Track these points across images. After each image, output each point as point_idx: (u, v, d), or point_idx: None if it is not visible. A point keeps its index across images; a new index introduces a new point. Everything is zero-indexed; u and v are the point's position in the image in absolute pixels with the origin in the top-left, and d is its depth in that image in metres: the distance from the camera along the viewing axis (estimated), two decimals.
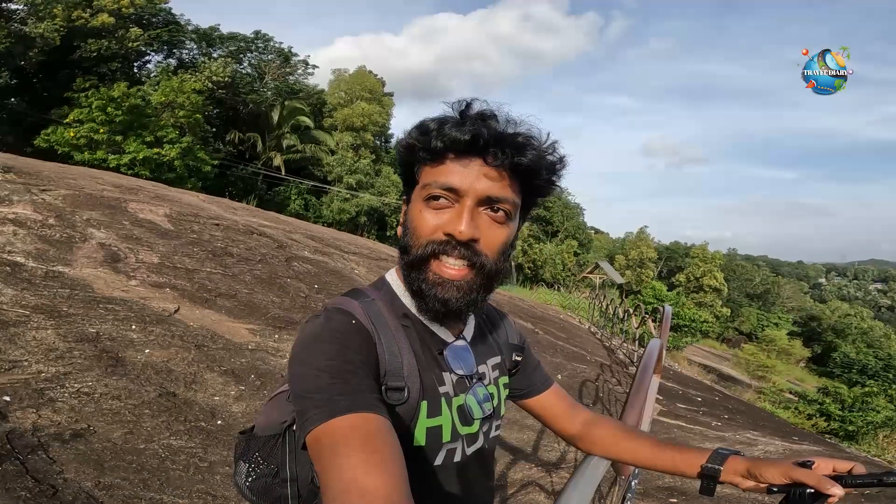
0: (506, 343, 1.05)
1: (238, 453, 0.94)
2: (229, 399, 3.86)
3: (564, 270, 42.40)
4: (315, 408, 0.69)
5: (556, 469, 4.08)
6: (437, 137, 0.82)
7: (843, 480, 0.82)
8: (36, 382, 3.34)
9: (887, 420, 15.33)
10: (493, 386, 0.96)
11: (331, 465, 0.63)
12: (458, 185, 0.82)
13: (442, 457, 0.85)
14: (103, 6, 26.78)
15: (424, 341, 0.88)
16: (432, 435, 0.83)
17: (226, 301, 5.75)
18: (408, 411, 0.80)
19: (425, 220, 0.84)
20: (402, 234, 0.88)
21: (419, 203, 0.85)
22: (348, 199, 33.27)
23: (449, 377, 0.88)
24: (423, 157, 0.85)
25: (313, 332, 0.79)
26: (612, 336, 13.87)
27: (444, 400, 0.86)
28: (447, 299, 0.83)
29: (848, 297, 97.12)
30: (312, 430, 0.67)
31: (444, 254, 0.83)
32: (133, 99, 22.72)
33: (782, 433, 7.33)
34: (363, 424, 0.66)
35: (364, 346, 0.78)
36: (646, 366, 2.49)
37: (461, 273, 0.83)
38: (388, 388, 0.78)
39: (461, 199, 0.82)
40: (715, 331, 43.63)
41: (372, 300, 0.87)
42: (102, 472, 2.72)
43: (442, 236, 0.82)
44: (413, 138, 0.85)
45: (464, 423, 0.88)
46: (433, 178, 0.83)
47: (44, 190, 7.41)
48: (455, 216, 0.82)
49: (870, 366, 31.26)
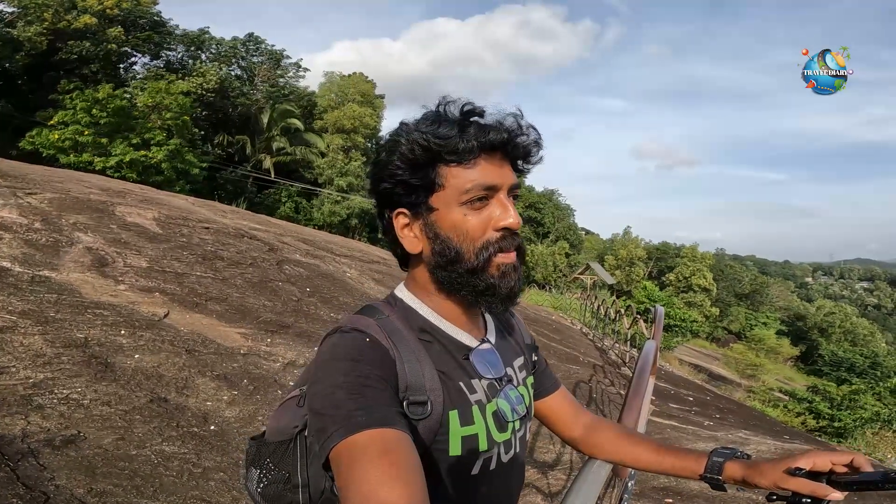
0: (524, 343, 1.04)
1: (249, 459, 0.93)
2: (222, 404, 3.82)
3: (556, 272, 42.51)
4: (334, 425, 0.69)
5: (552, 470, 4.08)
6: (471, 138, 0.81)
7: (844, 481, 0.81)
8: (24, 388, 3.28)
9: (875, 416, 15.52)
10: (523, 387, 0.96)
11: (350, 481, 0.63)
12: (496, 181, 0.84)
13: (479, 466, 0.84)
14: (88, 7, 26.52)
15: (448, 350, 0.86)
16: (468, 444, 0.82)
17: (217, 305, 5.69)
18: (433, 424, 0.79)
19: (473, 224, 0.84)
20: (438, 246, 0.85)
21: (459, 208, 0.83)
22: (339, 202, 33.15)
23: (479, 384, 0.87)
24: (450, 159, 0.82)
25: (328, 352, 0.79)
26: (605, 337, 13.93)
27: (478, 407, 0.85)
28: (513, 286, 0.86)
29: (834, 295, 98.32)
30: (334, 448, 0.67)
31: (501, 250, 0.84)
32: (118, 101, 22.47)
33: (773, 432, 7.39)
34: (381, 439, 0.66)
35: (380, 362, 0.78)
36: (642, 368, 2.50)
37: (513, 258, 0.86)
38: (411, 403, 0.78)
39: (496, 193, 0.84)
40: (705, 330, 44.00)
41: (387, 317, 0.86)
42: (94, 478, 2.67)
43: (495, 233, 0.84)
44: (432, 140, 0.81)
45: (499, 429, 0.87)
46: (472, 180, 0.82)
47: (29, 193, 7.30)
48: (500, 210, 0.84)
49: (857, 364, 31.66)
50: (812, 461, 0.82)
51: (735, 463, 0.90)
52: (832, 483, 0.81)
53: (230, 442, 3.38)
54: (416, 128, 0.84)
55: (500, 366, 0.91)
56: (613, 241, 55.65)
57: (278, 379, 4.40)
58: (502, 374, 0.91)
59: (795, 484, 0.81)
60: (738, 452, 0.92)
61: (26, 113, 24.62)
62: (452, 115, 0.84)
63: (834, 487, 0.80)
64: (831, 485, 0.80)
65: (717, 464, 0.91)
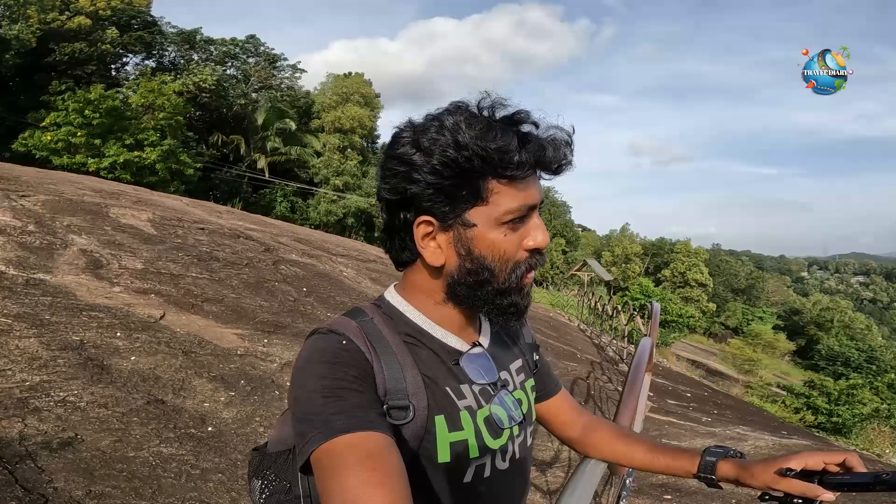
0: (524, 343, 1.02)
1: (251, 470, 0.91)
2: (219, 405, 3.81)
3: (553, 269, 42.57)
4: (313, 429, 0.67)
5: (550, 468, 4.08)
6: (531, 155, 0.76)
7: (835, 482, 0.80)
8: (20, 391, 3.26)
9: (874, 412, 15.55)
10: (521, 391, 0.93)
11: (331, 487, 0.62)
12: (537, 201, 0.80)
13: (471, 474, 0.82)
14: (80, 8, 26.37)
15: (437, 355, 0.84)
16: (457, 450, 0.80)
17: (213, 306, 5.68)
18: (418, 429, 0.77)
19: (510, 244, 0.79)
20: (470, 264, 0.80)
21: (500, 227, 0.78)
22: (335, 201, 33.09)
23: (469, 389, 0.84)
24: (503, 174, 0.76)
25: (306, 355, 0.77)
26: (602, 333, 13.96)
27: (468, 413, 0.82)
28: (529, 304, 0.85)
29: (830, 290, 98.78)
30: (313, 452, 0.66)
31: (530, 269, 0.82)
32: (111, 101, 22.33)
33: (771, 428, 7.42)
34: (362, 443, 0.65)
35: (357, 364, 0.75)
36: (637, 365, 2.49)
37: (532, 277, 0.84)
38: (391, 408, 0.75)
39: (534, 212, 0.80)
40: (702, 326, 44.12)
41: (370, 319, 0.83)
42: (93, 480, 2.66)
43: (524, 254, 0.81)
44: (490, 150, 0.74)
45: (493, 435, 0.84)
46: (521, 201, 0.77)
47: (23, 196, 7.27)
48: (535, 230, 0.80)
49: (853, 358, 31.79)
50: (804, 461, 0.82)
51: (728, 462, 0.90)
52: (824, 483, 0.81)
53: (228, 443, 3.37)
54: (463, 130, 0.74)
55: (494, 370, 0.88)
56: (610, 237, 55.76)
57: (275, 379, 4.39)
58: (496, 378, 0.88)
59: (787, 485, 0.81)
60: (731, 451, 0.92)
61: (17, 114, 24.46)
62: (503, 123, 0.77)
63: (826, 488, 0.80)
64: (823, 485, 0.80)
65: (711, 463, 0.91)
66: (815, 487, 0.80)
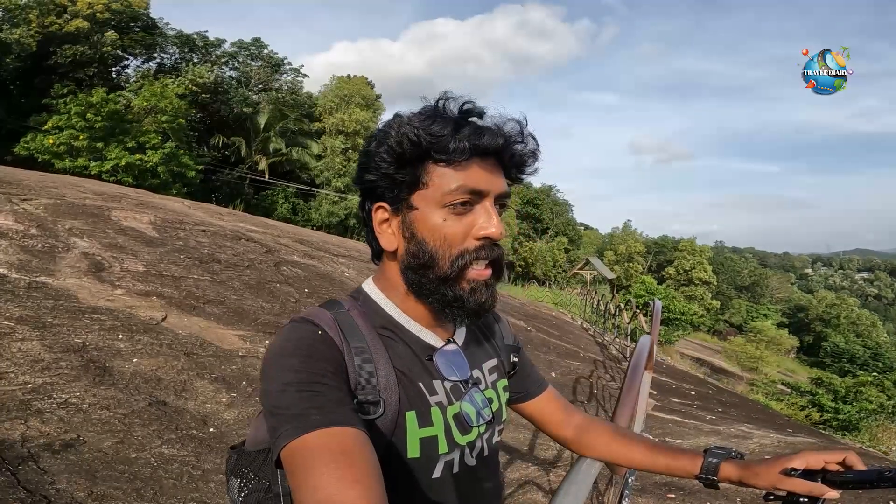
0: (501, 344, 1.01)
1: (229, 468, 0.91)
2: (221, 406, 3.81)
3: (555, 267, 42.52)
4: (286, 424, 0.66)
5: (553, 467, 4.07)
6: (465, 139, 0.77)
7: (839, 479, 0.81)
8: (23, 393, 3.27)
9: (880, 409, 15.47)
10: (492, 390, 0.92)
11: (305, 483, 0.61)
12: (484, 187, 0.80)
13: (440, 469, 0.82)
14: (78, 11, 26.43)
15: (411, 350, 0.83)
16: (427, 446, 0.80)
17: (214, 308, 5.68)
18: (388, 424, 0.77)
19: (452, 229, 0.79)
20: (413, 247, 0.81)
21: (439, 210, 0.79)
22: (337, 202, 33.11)
23: (441, 385, 0.84)
24: (439, 158, 0.78)
25: (278, 346, 0.75)
26: (605, 332, 13.93)
27: (438, 409, 0.82)
28: (483, 302, 0.82)
29: (834, 286, 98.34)
30: (285, 447, 0.65)
31: (478, 259, 0.80)
32: (113, 104, 22.38)
33: (776, 426, 7.38)
34: (337, 439, 0.64)
35: (331, 357, 0.74)
36: (636, 363, 2.48)
37: (487, 272, 0.82)
38: (361, 402, 0.75)
39: (482, 199, 0.80)
40: (706, 323, 43.98)
41: (346, 310, 0.83)
42: (95, 481, 2.67)
43: (474, 242, 0.80)
44: (423, 136, 0.77)
45: (462, 431, 0.84)
46: (459, 182, 0.78)
47: (25, 199, 7.29)
48: (483, 217, 0.80)
49: (858, 355, 31.63)
50: (805, 461, 0.83)
51: (730, 464, 0.91)
52: (827, 482, 0.81)
53: (229, 444, 3.37)
54: (410, 121, 0.79)
55: (466, 367, 0.88)
56: (612, 235, 55.67)
57: None
58: (468, 376, 0.88)
59: (792, 484, 0.82)
60: (732, 452, 0.93)
61: (19, 118, 24.55)
62: (450, 113, 0.80)
63: (829, 486, 0.81)
64: (826, 484, 0.81)
65: (713, 464, 0.92)
66: (820, 486, 0.80)
